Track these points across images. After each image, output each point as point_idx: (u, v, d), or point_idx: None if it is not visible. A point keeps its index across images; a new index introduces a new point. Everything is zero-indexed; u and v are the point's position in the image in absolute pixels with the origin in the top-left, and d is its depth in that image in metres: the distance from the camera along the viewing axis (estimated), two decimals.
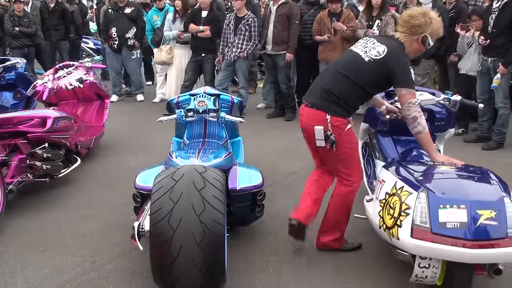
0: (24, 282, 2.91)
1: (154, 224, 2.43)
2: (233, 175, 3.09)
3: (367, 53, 2.92)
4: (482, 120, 5.71)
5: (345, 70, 2.95)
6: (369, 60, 2.89)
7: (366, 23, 6.34)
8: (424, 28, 2.89)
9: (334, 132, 2.91)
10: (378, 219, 2.70)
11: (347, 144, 2.99)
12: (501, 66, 5.21)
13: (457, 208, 2.37)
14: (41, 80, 5.24)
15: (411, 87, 2.86)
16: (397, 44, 2.92)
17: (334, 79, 2.97)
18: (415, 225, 2.41)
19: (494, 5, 5.31)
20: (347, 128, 2.95)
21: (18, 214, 3.80)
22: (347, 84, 2.92)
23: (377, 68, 2.87)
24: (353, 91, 2.93)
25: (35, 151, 3.89)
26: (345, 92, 2.93)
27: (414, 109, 2.82)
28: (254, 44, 6.70)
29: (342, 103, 2.92)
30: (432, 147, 2.90)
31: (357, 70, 2.90)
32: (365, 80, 2.91)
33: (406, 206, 2.49)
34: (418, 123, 2.83)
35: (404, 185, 2.60)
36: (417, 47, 2.96)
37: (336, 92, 2.92)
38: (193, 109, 3.62)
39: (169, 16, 7.37)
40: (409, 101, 2.82)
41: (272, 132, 6.29)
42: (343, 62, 3.04)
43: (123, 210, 3.83)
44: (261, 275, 2.99)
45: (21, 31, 8.18)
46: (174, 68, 7.39)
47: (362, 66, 2.90)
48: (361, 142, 3.89)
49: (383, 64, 2.85)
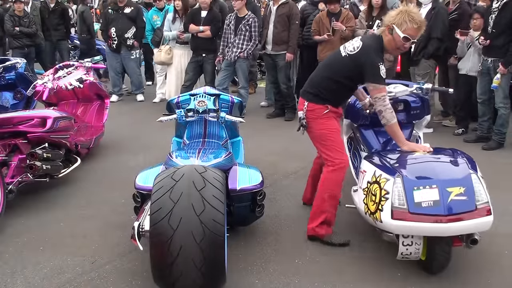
0: (24, 282, 2.91)
1: (154, 224, 2.43)
2: (233, 175, 3.10)
3: (345, 48, 3.16)
4: (482, 120, 5.71)
5: (326, 65, 3.31)
6: (345, 55, 3.14)
7: (366, 23, 6.34)
8: (390, 19, 3.06)
9: (308, 116, 3.25)
10: (363, 206, 2.95)
11: (323, 125, 3.24)
12: (501, 66, 5.21)
13: (430, 188, 2.64)
14: (41, 80, 5.24)
15: (378, 83, 3.01)
16: (374, 41, 3.13)
17: (318, 72, 3.33)
18: (394, 208, 2.67)
19: (494, 5, 5.31)
20: (324, 113, 3.21)
21: (18, 214, 3.80)
22: (326, 78, 3.22)
23: (352, 63, 3.09)
24: (331, 83, 3.20)
25: (35, 151, 3.89)
26: (324, 84, 3.22)
27: (379, 103, 3.03)
28: (254, 44, 6.71)
29: (321, 94, 3.22)
30: (399, 137, 3.09)
31: (335, 65, 3.20)
32: (341, 74, 3.16)
33: (385, 192, 2.75)
34: (383, 116, 3.04)
35: (382, 173, 2.86)
36: (389, 40, 3.09)
37: (316, 84, 3.25)
38: (193, 109, 3.62)
39: (169, 16, 7.37)
40: (375, 96, 3.03)
41: (272, 132, 6.29)
42: (328, 57, 3.45)
43: (123, 210, 3.83)
44: (261, 275, 2.99)
45: (21, 31, 8.18)
46: (173, 68, 7.39)
47: (339, 61, 3.17)
48: (345, 137, 4.07)
49: (356, 59, 3.07)
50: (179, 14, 7.25)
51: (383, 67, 3.01)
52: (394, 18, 3.04)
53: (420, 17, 3.07)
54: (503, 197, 4.13)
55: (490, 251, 3.27)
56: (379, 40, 3.12)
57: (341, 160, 3.25)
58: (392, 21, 3.05)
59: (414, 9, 3.08)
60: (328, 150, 3.25)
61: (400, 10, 3.06)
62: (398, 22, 3.01)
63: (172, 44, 7.37)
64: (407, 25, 3.00)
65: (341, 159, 3.25)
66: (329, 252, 3.23)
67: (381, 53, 3.10)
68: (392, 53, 3.32)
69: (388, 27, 3.07)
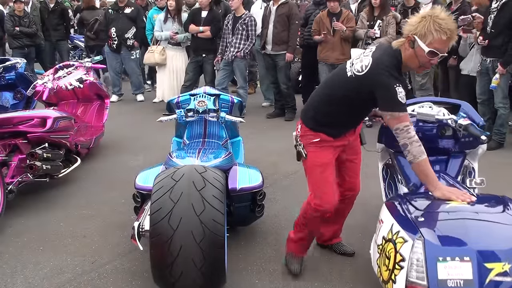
0: (24, 282, 2.91)
1: (154, 224, 2.43)
2: (233, 175, 3.09)
3: (352, 66, 2.49)
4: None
5: (327, 82, 2.73)
6: (351, 75, 2.47)
7: (368, 23, 6.34)
8: (410, 28, 2.36)
9: (302, 141, 2.71)
10: (376, 268, 2.33)
11: (312, 156, 2.68)
12: (499, 66, 5.22)
13: (460, 261, 1.95)
14: (41, 80, 5.25)
15: (397, 111, 2.34)
16: (388, 56, 2.40)
17: (317, 92, 2.76)
18: (410, 283, 2.03)
19: (493, 5, 5.32)
20: (313, 141, 2.65)
21: (18, 214, 3.80)
22: (325, 99, 2.65)
23: (358, 86, 2.44)
24: (329, 106, 2.61)
25: (35, 151, 3.89)
26: (321, 106, 2.65)
27: (403, 136, 2.35)
28: (251, 43, 6.71)
29: (317, 117, 2.65)
30: (429, 178, 2.37)
31: (337, 84, 2.58)
32: (343, 97, 2.53)
33: (400, 258, 2.11)
34: (408, 151, 2.35)
35: (400, 229, 2.19)
36: (410, 55, 2.39)
37: (315, 104, 2.69)
38: (193, 109, 3.62)
39: (161, 16, 7.32)
40: (395, 127, 2.37)
41: (272, 132, 6.29)
42: (330, 74, 2.79)
43: (123, 210, 3.83)
44: (261, 275, 2.99)
45: (22, 31, 8.18)
46: (166, 69, 7.34)
47: (343, 80, 2.52)
48: (381, 164, 3.42)
49: (365, 81, 2.40)
50: (171, 14, 7.23)
51: (401, 89, 2.32)
52: (415, 27, 2.32)
53: (451, 24, 2.30)
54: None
55: None
56: (395, 55, 2.40)
57: (318, 205, 2.67)
58: (413, 30, 2.33)
59: (442, 14, 2.30)
60: (311, 187, 2.74)
61: (423, 16, 2.33)
62: (421, 33, 2.29)
63: (164, 44, 7.34)
64: (433, 36, 2.27)
65: (318, 204, 2.67)
66: (329, 253, 3.22)
67: (397, 72, 2.39)
68: (415, 70, 2.71)
69: (408, 39, 2.36)
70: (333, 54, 6.38)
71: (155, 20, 7.81)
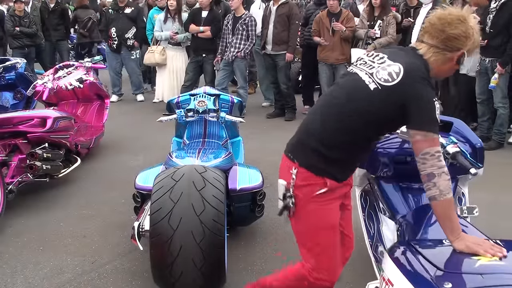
0: (24, 282, 2.91)
1: (154, 224, 2.43)
2: (233, 175, 3.09)
3: (373, 76, 1.94)
4: (482, 120, 5.71)
5: (336, 103, 2.02)
6: (376, 88, 1.92)
7: (368, 23, 6.34)
8: (464, 41, 1.91)
9: (296, 193, 2.01)
10: None
11: (315, 216, 2.03)
12: (498, 66, 5.23)
13: None
14: (41, 80, 5.25)
15: (432, 131, 1.85)
16: (418, 63, 1.94)
17: (320, 116, 2.05)
18: None
19: (492, 5, 5.33)
20: (318, 192, 1.99)
21: (18, 214, 3.80)
22: (335, 125, 1.98)
23: (387, 99, 1.91)
24: (341, 134, 1.98)
25: (35, 151, 3.89)
26: (329, 136, 1.98)
27: (432, 163, 1.83)
28: (251, 43, 6.72)
29: (323, 152, 1.97)
30: (453, 225, 1.83)
31: (354, 104, 1.96)
32: (367, 118, 1.94)
33: None
34: (434, 184, 1.81)
35: None
36: (450, 68, 2.01)
37: (316, 134, 2.00)
38: (193, 109, 3.62)
39: (160, 16, 7.32)
40: (425, 151, 1.85)
41: (272, 132, 6.29)
42: (339, 89, 2.08)
43: (123, 210, 3.83)
44: (261, 275, 2.98)
45: (22, 31, 8.18)
46: (166, 70, 7.34)
47: (362, 96, 1.95)
48: (359, 190, 2.94)
49: (398, 93, 1.89)
50: (171, 14, 7.23)
51: (438, 105, 1.91)
52: (466, 40, 1.90)
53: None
54: (503, 197, 4.14)
55: None
56: (424, 63, 1.95)
57: (322, 279, 2.09)
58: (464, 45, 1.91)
59: (471, 18, 1.94)
60: (313, 256, 2.08)
61: (467, 25, 1.90)
62: (470, 49, 1.94)
63: (163, 44, 7.34)
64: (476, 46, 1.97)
65: (322, 279, 2.08)
66: None
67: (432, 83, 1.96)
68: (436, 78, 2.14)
69: (460, 54, 1.93)
70: (333, 54, 6.39)
71: (155, 20, 7.81)
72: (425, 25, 1.99)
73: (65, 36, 9.08)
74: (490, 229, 2.71)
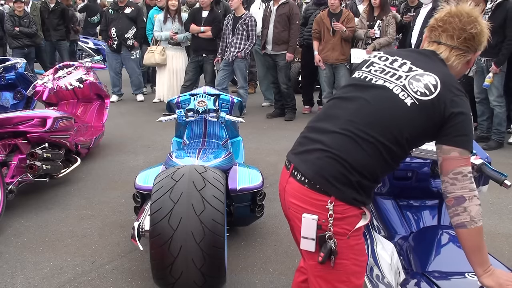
0: (24, 282, 2.91)
1: (154, 224, 2.43)
2: (233, 175, 3.09)
3: (406, 89, 1.68)
4: (481, 120, 5.73)
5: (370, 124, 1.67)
6: (413, 103, 1.65)
7: (367, 23, 6.34)
8: (483, 41, 1.80)
9: (336, 229, 1.65)
10: None
11: (351, 254, 1.70)
12: (493, 65, 5.28)
13: None
14: (41, 80, 5.24)
15: (469, 150, 1.64)
16: (447, 71, 1.74)
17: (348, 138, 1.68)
18: None
19: (487, 6, 5.35)
20: (358, 225, 1.69)
21: (18, 214, 3.80)
22: (373, 147, 1.66)
23: (424, 116, 1.65)
24: (381, 157, 1.67)
25: (35, 151, 3.89)
26: (366, 161, 1.66)
27: (463, 185, 1.60)
28: (251, 43, 6.72)
29: (359, 180, 1.66)
30: (482, 256, 1.60)
31: (395, 122, 1.66)
32: (408, 137, 1.67)
33: None
34: (464, 209, 1.58)
35: None
36: (463, 71, 1.85)
37: (351, 161, 1.65)
38: (193, 109, 3.62)
39: (160, 16, 7.33)
40: (458, 170, 1.62)
41: (272, 132, 6.29)
42: (365, 106, 1.71)
43: (123, 210, 3.83)
44: (261, 275, 2.99)
45: (21, 31, 8.18)
46: (166, 70, 7.35)
47: (401, 113, 1.66)
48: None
49: (435, 107, 1.64)
50: (170, 14, 7.23)
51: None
52: (482, 43, 1.81)
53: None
54: (503, 196, 4.14)
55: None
56: (446, 67, 1.76)
57: None
58: (480, 45, 1.80)
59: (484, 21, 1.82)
60: None
61: (482, 24, 1.78)
62: (483, 46, 1.83)
63: (164, 44, 7.35)
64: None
65: None
66: None
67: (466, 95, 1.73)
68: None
69: (475, 54, 1.81)
70: (333, 54, 6.39)
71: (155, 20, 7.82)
72: (440, 24, 1.76)
73: (65, 36, 9.09)
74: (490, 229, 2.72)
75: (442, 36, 1.76)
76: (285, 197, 1.78)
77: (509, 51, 5.20)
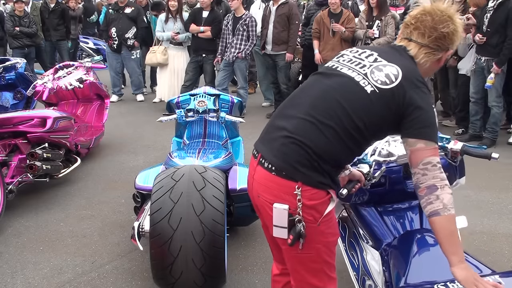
0: (24, 282, 2.92)
1: (154, 224, 2.43)
2: (233, 175, 3.09)
3: (367, 77, 1.73)
4: (474, 119, 5.73)
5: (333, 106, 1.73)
6: (373, 91, 1.70)
7: (367, 23, 6.34)
8: (455, 40, 1.79)
9: (305, 216, 1.69)
10: None
11: (322, 238, 1.76)
12: (494, 65, 5.25)
13: None
14: (41, 80, 5.24)
15: (433, 140, 1.68)
16: (412, 65, 1.78)
17: (312, 120, 1.72)
18: None
19: (489, 5, 5.34)
20: (327, 210, 1.73)
21: (18, 214, 3.80)
22: (334, 132, 1.70)
23: (385, 103, 1.70)
24: (342, 143, 1.71)
25: (35, 151, 3.89)
26: (328, 146, 1.69)
27: (434, 175, 1.64)
28: (252, 44, 6.72)
29: (323, 165, 1.69)
30: (455, 243, 1.60)
31: (354, 108, 1.71)
32: (367, 123, 1.71)
33: None
34: (437, 197, 1.61)
35: None
36: (435, 69, 1.90)
37: (313, 146, 1.68)
38: (193, 109, 3.63)
39: (162, 16, 7.33)
40: (427, 161, 1.65)
41: None
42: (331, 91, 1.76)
43: (123, 210, 3.83)
44: (261, 275, 2.99)
45: (22, 31, 8.18)
46: (167, 69, 7.35)
47: (361, 100, 1.71)
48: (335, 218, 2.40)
49: (395, 96, 1.69)
50: (172, 14, 7.24)
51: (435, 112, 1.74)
52: (455, 42, 1.79)
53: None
54: (502, 196, 4.14)
55: (490, 251, 3.27)
56: (413, 61, 1.80)
57: None
58: (452, 44, 1.79)
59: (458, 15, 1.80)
60: (319, 279, 1.84)
61: (455, 23, 1.76)
62: (455, 45, 1.82)
63: (165, 44, 7.35)
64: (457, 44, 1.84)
65: None
66: None
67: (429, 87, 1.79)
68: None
69: (446, 52, 1.80)
70: (332, 54, 6.30)
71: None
72: (412, 21, 1.79)
73: (65, 36, 9.08)
74: (490, 229, 2.72)
75: (414, 33, 1.79)
76: (254, 185, 1.82)
77: (510, 51, 5.19)
